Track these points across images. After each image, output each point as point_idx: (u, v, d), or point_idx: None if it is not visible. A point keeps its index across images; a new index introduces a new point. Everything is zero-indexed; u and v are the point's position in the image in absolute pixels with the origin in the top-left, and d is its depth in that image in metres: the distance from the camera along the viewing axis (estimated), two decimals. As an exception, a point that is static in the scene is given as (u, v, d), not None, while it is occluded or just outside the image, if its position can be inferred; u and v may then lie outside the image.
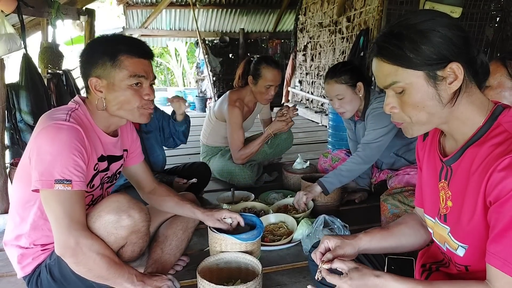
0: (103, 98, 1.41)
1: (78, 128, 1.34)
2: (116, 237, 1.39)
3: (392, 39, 0.92)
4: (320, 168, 3.01)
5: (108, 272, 1.35)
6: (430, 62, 0.90)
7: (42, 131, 1.32)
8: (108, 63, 1.38)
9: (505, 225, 0.84)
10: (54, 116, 1.36)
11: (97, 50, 1.40)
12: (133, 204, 1.42)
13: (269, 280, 1.78)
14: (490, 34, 5.24)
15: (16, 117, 3.08)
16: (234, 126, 2.93)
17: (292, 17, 8.06)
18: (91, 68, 1.40)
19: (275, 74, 2.88)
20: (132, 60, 1.39)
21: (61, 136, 1.30)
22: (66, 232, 1.29)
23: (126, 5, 7.88)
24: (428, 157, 1.12)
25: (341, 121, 3.72)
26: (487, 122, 0.94)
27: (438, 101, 0.92)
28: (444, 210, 1.03)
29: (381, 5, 4.42)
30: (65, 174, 1.28)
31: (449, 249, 1.03)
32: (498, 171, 0.84)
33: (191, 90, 9.78)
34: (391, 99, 0.98)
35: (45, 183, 1.27)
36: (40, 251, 1.46)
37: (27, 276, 1.48)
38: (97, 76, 1.40)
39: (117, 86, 1.40)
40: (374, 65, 0.98)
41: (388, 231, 1.22)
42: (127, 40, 1.47)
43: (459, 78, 0.90)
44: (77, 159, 1.31)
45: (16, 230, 1.46)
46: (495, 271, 0.86)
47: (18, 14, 2.77)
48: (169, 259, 1.72)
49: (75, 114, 1.40)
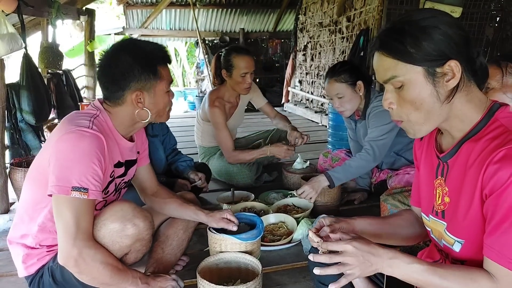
0: (146, 109, 1.45)
1: (100, 136, 1.35)
2: (120, 246, 1.39)
3: (394, 34, 0.94)
4: (320, 168, 3.01)
5: (112, 279, 1.36)
6: (429, 58, 0.91)
7: (64, 136, 1.32)
8: (151, 76, 1.42)
9: (501, 217, 0.84)
10: (78, 122, 1.36)
11: (134, 64, 1.39)
12: (138, 213, 1.43)
13: (269, 280, 1.78)
14: (490, 33, 5.25)
15: (16, 117, 3.09)
16: (218, 126, 2.91)
17: (292, 17, 8.05)
18: (131, 83, 1.41)
19: (247, 61, 2.81)
20: (166, 69, 1.49)
21: (84, 144, 1.30)
22: (71, 241, 1.29)
23: (126, 5, 7.87)
24: (426, 155, 1.13)
25: (341, 121, 3.72)
26: (484, 118, 0.95)
27: (436, 98, 0.93)
28: (442, 207, 1.03)
29: (381, 5, 4.42)
30: (83, 182, 1.28)
31: (446, 245, 1.04)
32: (494, 163, 0.86)
33: (191, 90, 9.75)
34: (389, 94, 0.99)
35: (62, 189, 1.27)
36: (46, 252, 1.46)
37: (30, 276, 1.48)
38: (139, 89, 1.42)
39: (158, 95, 1.47)
40: (375, 59, 0.99)
41: (385, 220, 1.26)
42: (157, 50, 1.49)
43: (457, 76, 0.91)
44: (96, 168, 1.31)
45: (23, 229, 1.46)
46: (493, 263, 0.87)
47: (18, 14, 2.78)
48: (170, 259, 1.73)
49: (97, 121, 1.40)
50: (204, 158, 3.20)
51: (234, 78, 2.84)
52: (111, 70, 1.42)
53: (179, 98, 9.52)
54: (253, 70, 2.85)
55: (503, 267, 0.85)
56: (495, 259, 0.86)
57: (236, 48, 2.90)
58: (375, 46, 0.98)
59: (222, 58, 2.88)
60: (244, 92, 2.92)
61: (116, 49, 1.44)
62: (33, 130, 3.18)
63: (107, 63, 1.43)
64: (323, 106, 6.07)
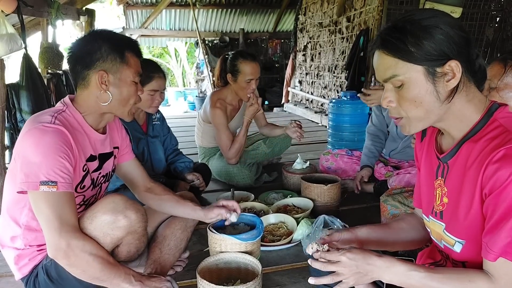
0: (109, 93, 1.43)
1: (63, 130, 1.35)
2: (112, 238, 1.39)
3: (395, 32, 0.94)
4: (322, 168, 3.01)
5: (102, 272, 1.35)
6: (430, 57, 0.91)
7: (27, 134, 1.32)
8: (118, 59, 1.42)
9: (500, 216, 0.85)
10: (39, 119, 1.36)
11: (103, 44, 1.41)
12: (130, 205, 1.42)
13: (269, 281, 1.78)
14: (490, 34, 5.24)
15: (16, 117, 3.09)
16: (219, 127, 2.91)
17: (292, 17, 8.05)
18: (97, 61, 1.41)
19: (253, 67, 2.83)
20: (135, 59, 1.49)
21: (46, 139, 1.30)
22: (57, 234, 1.28)
23: (126, 5, 7.88)
24: (426, 156, 1.13)
25: (341, 121, 3.74)
26: (483, 118, 0.95)
27: (436, 97, 0.94)
28: (440, 207, 1.03)
29: (381, 5, 4.42)
30: (50, 176, 1.28)
31: (446, 246, 1.04)
32: (493, 163, 0.86)
33: (191, 90, 9.76)
34: (389, 93, 0.99)
35: (30, 185, 1.28)
36: (36, 251, 1.46)
37: (25, 277, 1.47)
38: (104, 70, 1.41)
39: (123, 82, 1.45)
40: (375, 58, 0.99)
41: (387, 226, 1.25)
42: (128, 39, 1.54)
43: (457, 76, 0.92)
44: (63, 161, 1.31)
45: (10, 231, 1.46)
46: (490, 262, 0.87)
47: (18, 14, 2.78)
48: (168, 259, 1.72)
49: (61, 116, 1.40)
50: (204, 159, 3.21)
51: (239, 83, 2.86)
52: (79, 49, 1.44)
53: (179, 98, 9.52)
54: (258, 77, 2.87)
55: (501, 257, 0.85)
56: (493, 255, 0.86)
57: (242, 54, 2.90)
58: (376, 45, 0.99)
59: (229, 62, 2.89)
60: (246, 99, 2.92)
61: (88, 33, 1.51)
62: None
63: (77, 44, 1.46)
64: (323, 106, 6.07)
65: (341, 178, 2.61)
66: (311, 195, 2.44)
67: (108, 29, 1.53)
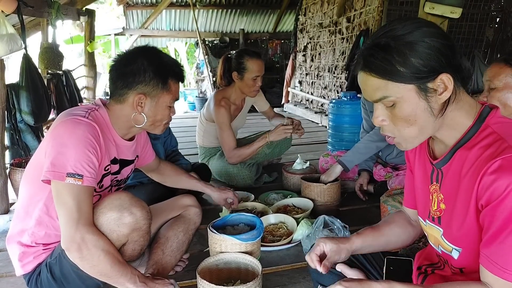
0: (144, 115, 1.48)
1: (95, 125, 1.38)
2: (118, 235, 1.39)
3: (379, 51, 0.89)
4: (321, 169, 3.01)
5: (111, 269, 1.35)
6: (420, 75, 0.87)
7: (60, 124, 1.35)
8: (160, 85, 1.46)
9: (498, 228, 0.83)
10: (73, 112, 1.40)
11: (148, 68, 1.44)
12: (135, 202, 1.43)
13: (269, 281, 1.78)
14: (490, 35, 5.25)
15: (16, 118, 3.09)
16: (222, 126, 2.92)
17: (292, 18, 8.06)
18: (139, 84, 1.44)
19: (259, 64, 2.86)
20: (177, 86, 1.53)
21: (78, 131, 1.33)
22: (74, 226, 1.30)
23: (126, 5, 7.88)
24: (419, 159, 1.12)
25: (341, 122, 3.74)
26: (474, 124, 0.93)
27: (429, 113, 0.91)
28: (438, 213, 1.02)
29: (381, 6, 4.43)
30: (77, 169, 1.30)
31: (444, 252, 1.03)
32: (489, 174, 0.84)
33: (191, 90, 9.75)
34: (380, 112, 0.95)
35: (56, 175, 1.29)
36: (42, 250, 1.47)
37: (27, 274, 1.48)
38: (143, 93, 1.44)
39: (160, 106, 1.49)
40: (361, 78, 0.95)
41: (379, 232, 1.24)
42: (174, 64, 1.54)
43: (449, 88, 0.89)
44: (91, 155, 1.33)
45: (20, 224, 1.47)
46: (490, 274, 0.86)
47: (18, 14, 2.78)
48: (170, 261, 1.71)
49: (94, 114, 1.43)
50: (205, 159, 3.21)
51: (245, 81, 2.87)
52: (124, 66, 1.46)
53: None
54: (263, 74, 2.90)
55: (499, 277, 0.84)
56: (492, 269, 0.85)
57: (248, 51, 2.92)
58: (360, 66, 0.94)
59: (234, 60, 2.89)
60: (252, 94, 2.96)
61: (136, 50, 1.51)
62: (33, 130, 3.18)
63: (123, 59, 1.48)
64: (323, 107, 6.08)
65: (341, 179, 2.61)
66: (311, 195, 2.44)
67: (155, 48, 1.54)
